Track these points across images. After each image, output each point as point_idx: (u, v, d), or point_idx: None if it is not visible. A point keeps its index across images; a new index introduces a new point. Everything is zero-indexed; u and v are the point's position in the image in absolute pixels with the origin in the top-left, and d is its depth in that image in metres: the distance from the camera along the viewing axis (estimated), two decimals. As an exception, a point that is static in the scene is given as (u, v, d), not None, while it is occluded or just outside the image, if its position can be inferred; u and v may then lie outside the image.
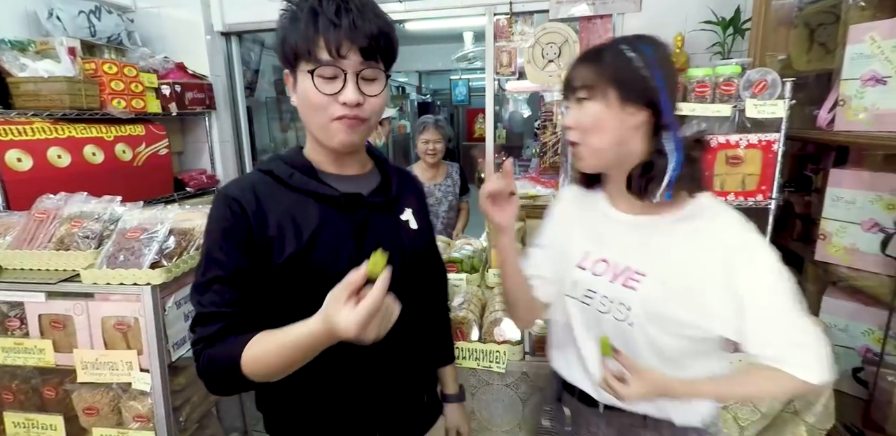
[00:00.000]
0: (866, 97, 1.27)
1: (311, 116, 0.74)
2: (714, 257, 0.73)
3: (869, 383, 1.24)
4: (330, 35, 0.68)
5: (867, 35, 1.25)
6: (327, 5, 0.68)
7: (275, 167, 0.79)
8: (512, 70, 2.63)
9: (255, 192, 0.76)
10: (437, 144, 2.35)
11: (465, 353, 1.28)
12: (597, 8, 2.45)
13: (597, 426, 0.88)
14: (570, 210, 0.94)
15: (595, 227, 0.87)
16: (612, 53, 0.76)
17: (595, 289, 0.83)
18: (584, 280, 0.85)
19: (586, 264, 0.85)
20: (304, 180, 0.78)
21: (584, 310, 0.85)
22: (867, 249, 1.30)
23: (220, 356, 0.69)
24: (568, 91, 0.81)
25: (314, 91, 0.70)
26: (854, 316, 1.36)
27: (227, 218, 0.73)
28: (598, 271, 0.83)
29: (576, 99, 0.79)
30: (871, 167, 1.34)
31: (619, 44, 0.77)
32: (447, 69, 6.06)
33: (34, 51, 1.95)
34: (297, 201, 0.77)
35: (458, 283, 1.56)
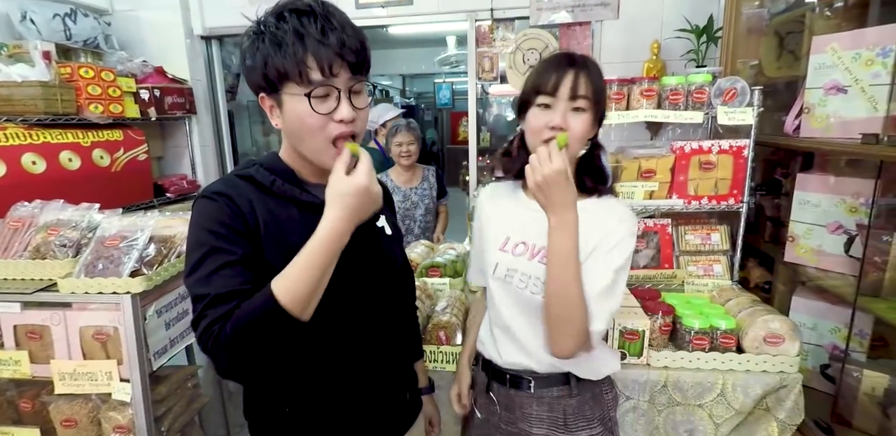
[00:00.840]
0: (829, 105, 1.32)
1: (307, 138, 0.73)
2: (595, 235, 0.86)
3: (836, 379, 1.29)
4: (321, 55, 0.68)
5: (829, 46, 1.31)
6: (310, 26, 0.68)
7: (255, 173, 0.78)
8: (494, 75, 2.66)
9: (246, 195, 0.76)
10: (410, 145, 2.35)
11: (448, 357, 1.29)
12: (576, 15, 2.50)
13: (529, 407, 0.97)
14: (487, 207, 1.05)
15: (514, 216, 0.98)
16: (600, 74, 0.88)
17: (515, 267, 0.94)
18: (504, 261, 0.96)
19: (507, 248, 0.96)
20: (287, 188, 0.78)
21: (505, 288, 0.96)
22: (832, 251, 1.36)
23: (247, 309, 0.66)
24: (569, 94, 0.84)
25: (310, 113, 0.70)
26: (822, 315, 1.41)
27: (223, 211, 0.73)
28: (518, 252, 0.95)
29: (574, 106, 0.85)
30: (835, 172, 1.40)
31: (597, 65, 0.88)
32: (431, 73, 6.09)
33: (7, 54, 1.91)
34: (281, 207, 0.77)
35: (442, 287, 1.58)
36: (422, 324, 1.34)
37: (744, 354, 1.21)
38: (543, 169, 0.79)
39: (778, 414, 1.21)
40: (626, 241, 0.87)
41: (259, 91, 0.74)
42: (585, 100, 0.85)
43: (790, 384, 1.19)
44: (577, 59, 0.87)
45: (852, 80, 1.27)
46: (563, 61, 0.86)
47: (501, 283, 0.96)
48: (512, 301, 0.95)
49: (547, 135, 0.85)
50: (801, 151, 1.54)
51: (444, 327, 1.30)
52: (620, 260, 0.86)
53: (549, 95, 0.85)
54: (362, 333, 0.86)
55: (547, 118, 0.85)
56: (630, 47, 2.47)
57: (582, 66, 0.86)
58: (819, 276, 1.39)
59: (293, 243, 0.70)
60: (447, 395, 1.13)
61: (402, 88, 7.05)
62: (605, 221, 0.87)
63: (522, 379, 0.97)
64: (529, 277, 0.91)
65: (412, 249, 1.80)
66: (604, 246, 0.86)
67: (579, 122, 0.85)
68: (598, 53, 2.54)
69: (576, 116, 0.85)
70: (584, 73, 0.85)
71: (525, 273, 0.92)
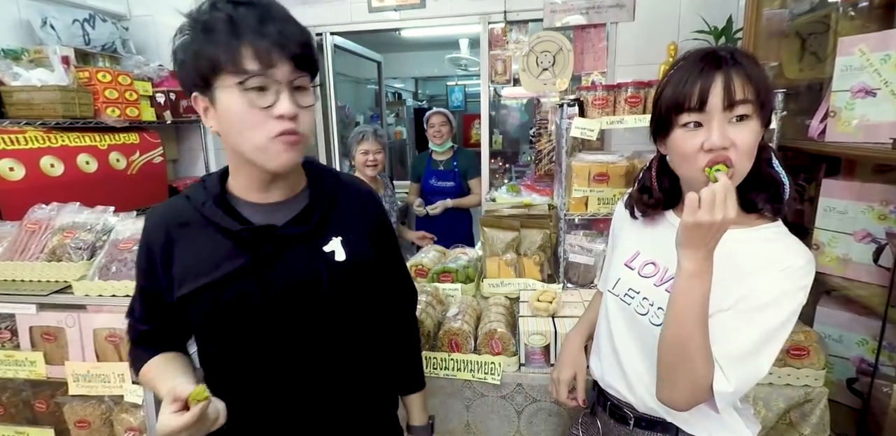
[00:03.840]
0: (856, 109, 1.28)
1: (244, 136, 0.65)
2: (753, 279, 0.70)
3: (864, 394, 1.24)
4: (258, 42, 0.61)
5: (856, 47, 1.26)
6: (246, 14, 0.62)
7: (192, 193, 0.75)
8: (507, 78, 2.65)
9: (169, 223, 0.75)
10: (377, 154, 2.18)
11: (459, 364, 1.27)
12: (590, 17, 2.47)
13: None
14: (624, 216, 0.92)
15: (650, 230, 0.85)
16: (759, 67, 0.68)
17: (638, 289, 0.82)
18: (628, 279, 0.85)
19: (635, 264, 0.85)
20: (211, 211, 0.72)
21: (623, 309, 0.85)
22: (860, 260, 1.31)
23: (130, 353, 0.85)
24: (724, 103, 0.67)
25: (243, 107, 0.63)
26: (848, 326, 1.36)
27: (142, 239, 0.78)
28: (646, 273, 0.82)
29: (733, 114, 0.67)
30: (862, 178, 1.35)
31: (753, 57, 0.70)
32: (443, 75, 6.08)
33: (27, 59, 1.95)
34: (207, 233, 0.73)
35: (453, 293, 1.56)
36: (432, 331, 1.32)
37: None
38: (715, 215, 0.62)
39: (802, 429, 1.17)
40: (788, 296, 0.69)
41: (192, 90, 0.67)
42: (748, 105, 0.66)
43: (815, 399, 1.14)
44: (723, 56, 0.68)
45: (881, 82, 1.22)
46: (708, 63, 0.68)
47: (619, 302, 0.85)
48: (625, 323, 0.84)
49: (703, 161, 0.68)
50: (826, 156, 1.49)
51: (455, 333, 1.28)
52: (776, 319, 0.68)
53: (697, 112, 0.68)
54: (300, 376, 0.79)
55: (700, 139, 0.68)
56: (646, 49, 2.43)
57: (732, 63, 0.67)
58: (845, 285, 1.34)
59: (207, 276, 0.72)
60: (460, 403, 1.10)
61: (414, 91, 7.06)
62: (765, 269, 0.70)
63: (625, 412, 0.87)
64: (652, 305, 0.79)
65: (426, 254, 1.79)
66: (756, 300, 0.69)
67: (745, 133, 0.67)
68: (612, 56, 2.51)
69: (738, 127, 0.67)
70: (737, 71, 0.66)
71: (648, 299, 0.80)
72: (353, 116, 4.80)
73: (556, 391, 0.99)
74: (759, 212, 0.75)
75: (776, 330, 0.69)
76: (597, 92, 1.50)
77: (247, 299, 0.73)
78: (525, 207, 1.81)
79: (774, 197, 0.74)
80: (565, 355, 1.01)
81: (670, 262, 0.75)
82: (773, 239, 0.75)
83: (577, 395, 0.97)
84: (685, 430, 0.82)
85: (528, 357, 1.27)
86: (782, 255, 0.72)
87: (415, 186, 2.85)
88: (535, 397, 1.26)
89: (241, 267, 0.72)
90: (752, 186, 0.74)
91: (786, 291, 0.69)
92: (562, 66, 2.51)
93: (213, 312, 0.74)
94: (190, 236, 0.73)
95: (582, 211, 1.55)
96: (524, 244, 1.62)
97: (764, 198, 0.74)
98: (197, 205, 0.73)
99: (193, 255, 0.73)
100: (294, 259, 0.73)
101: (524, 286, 1.55)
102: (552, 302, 1.35)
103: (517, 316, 1.38)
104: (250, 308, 0.73)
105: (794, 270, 0.70)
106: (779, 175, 0.74)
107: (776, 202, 0.74)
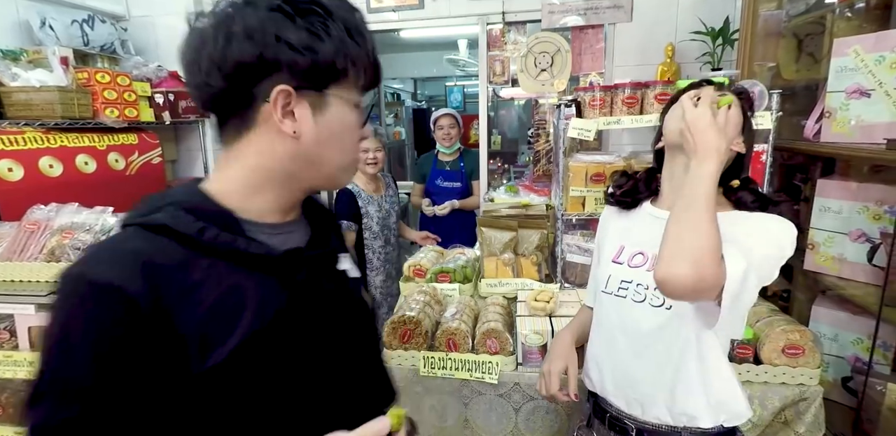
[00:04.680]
0: (851, 109, 1.29)
1: (342, 152, 0.59)
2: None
3: (858, 393, 1.25)
4: (377, 64, 0.58)
5: (851, 48, 1.27)
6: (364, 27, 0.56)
7: (173, 221, 0.51)
8: (505, 79, 2.65)
9: (146, 272, 0.48)
10: (377, 152, 2.21)
11: (456, 363, 1.27)
12: (588, 18, 2.48)
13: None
14: (609, 220, 0.99)
15: (631, 226, 0.91)
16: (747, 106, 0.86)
17: (630, 279, 0.86)
18: (618, 273, 0.89)
19: (622, 258, 0.90)
20: (227, 238, 0.53)
21: (619, 304, 0.87)
22: (855, 259, 1.32)
23: None
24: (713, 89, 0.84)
25: (354, 123, 0.59)
26: (843, 325, 1.37)
27: (107, 322, 0.47)
28: (635, 263, 0.87)
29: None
30: (857, 178, 1.36)
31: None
32: (442, 76, 6.09)
33: (26, 60, 1.95)
34: (218, 273, 0.52)
35: (451, 293, 1.57)
36: (430, 330, 1.33)
37: (762, 365, 1.17)
38: (687, 114, 0.77)
39: (797, 428, 1.17)
40: (776, 228, 0.78)
41: (296, 81, 0.51)
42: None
43: (810, 397, 1.15)
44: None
45: (876, 83, 1.23)
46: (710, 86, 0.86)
47: (613, 299, 0.88)
48: (619, 320, 0.87)
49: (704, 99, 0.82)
50: (821, 157, 1.50)
51: (453, 333, 1.28)
52: (765, 248, 0.74)
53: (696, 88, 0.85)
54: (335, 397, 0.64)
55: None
56: (644, 50, 2.44)
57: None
58: (840, 285, 1.35)
59: (247, 329, 0.51)
60: (458, 400, 1.11)
61: (413, 92, 7.07)
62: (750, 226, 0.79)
63: (625, 424, 0.88)
64: (647, 288, 0.83)
65: (424, 254, 1.79)
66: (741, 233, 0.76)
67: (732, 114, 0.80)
68: (610, 56, 2.52)
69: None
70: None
71: (642, 284, 0.84)
72: (351, 117, 4.80)
73: (548, 383, 0.97)
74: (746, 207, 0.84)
75: (767, 258, 0.75)
76: (594, 93, 1.51)
77: (304, 339, 0.58)
78: (523, 207, 1.82)
79: (761, 199, 0.84)
80: (556, 348, 1.02)
81: (657, 248, 0.76)
82: (759, 215, 0.83)
83: (569, 388, 0.96)
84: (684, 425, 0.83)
85: (526, 356, 1.27)
86: (765, 217, 0.81)
87: (419, 187, 2.85)
88: (532, 396, 1.27)
89: (287, 303, 0.56)
90: (741, 187, 0.85)
91: (772, 226, 0.78)
92: (560, 66, 2.52)
93: (248, 381, 0.53)
94: (197, 281, 0.51)
95: (579, 211, 1.55)
96: (522, 244, 1.63)
97: (751, 196, 0.84)
98: (191, 233, 0.51)
99: (216, 302, 0.51)
100: (325, 285, 0.62)
101: (522, 286, 1.56)
102: (549, 302, 1.36)
103: (515, 316, 1.39)
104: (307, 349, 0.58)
105: (781, 219, 0.79)
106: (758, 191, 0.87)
107: (761, 201, 0.84)
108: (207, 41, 0.50)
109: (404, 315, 1.31)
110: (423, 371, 1.27)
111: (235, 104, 0.53)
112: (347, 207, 2.19)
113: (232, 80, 0.51)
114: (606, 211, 1.02)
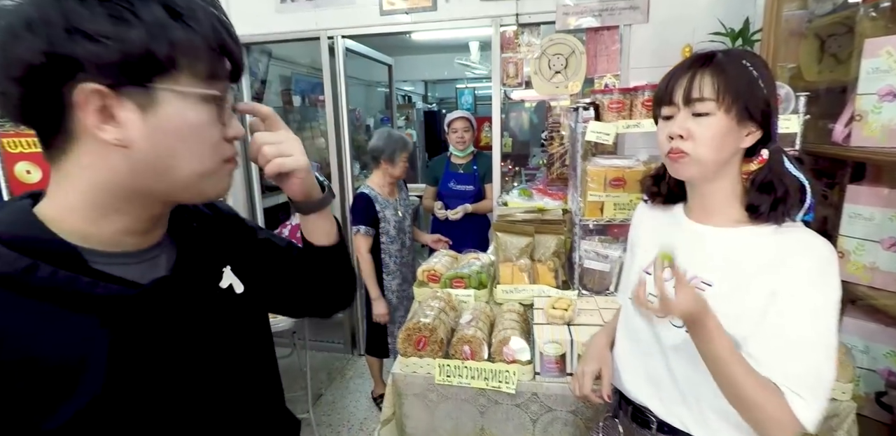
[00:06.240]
0: (884, 112, 1.24)
1: (195, 157, 0.48)
2: (773, 278, 0.72)
3: (893, 408, 1.20)
4: (233, 48, 0.49)
5: (883, 49, 1.23)
6: (220, 10, 0.49)
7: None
8: (518, 81, 2.62)
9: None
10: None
11: (473, 372, 1.25)
12: (604, 19, 2.44)
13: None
14: (641, 222, 0.96)
15: (666, 236, 0.87)
16: (737, 68, 0.73)
17: (657, 293, 0.81)
18: (648, 284, 0.84)
19: (652, 269, 0.85)
20: (67, 278, 0.44)
21: (643, 314, 0.84)
22: (888, 268, 1.27)
23: None
24: (680, 99, 0.75)
25: (210, 121, 0.49)
26: (875, 337, 1.32)
27: None
28: (665, 277, 0.82)
29: (693, 111, 0.74)
30: (890, 183, 1.31)
31: (739, 58, 0.74)
32: (453, 78, 6.07)
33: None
34: (47, 320, 0.44)
35: (466, 299, 1.54)
36: (446, 338, 1.30)
37: (790, 378, 1.13)
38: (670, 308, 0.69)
39: (829, 444, 1.13)
40: (818, 269, 0.70)
41: (106, 78, 0.42)
42: (705, 102, 0.72)
43: (842, 413, 1.10)
44: (703, 57, 0.75)
45: (911, 85, 1.18)
46: (686, 63, 0.76)
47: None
48: (644, 329, 0.86)
49: (666, 148, 0.77)
50: (851, 161, 1.45)
51: (468, 341, 1.26)
52: (816, 300, 0.69)
53: (668, 105, 0.77)
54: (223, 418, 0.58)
55: (668, 130, 0.76)
56: (660, 52, 2.39)
57: (706, 63, 0.73)
58: (872, 295, 1.30)
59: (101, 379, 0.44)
60: (474, 408, 1.08)
61: (424, 94, 7.07)
62: (782, 260, 0.71)
63: (647, 417, 0.87)
64: None
65: (438, 259, 1.77)
66: (784, 291, 0.70)
67: (703, 127, 0.73)
68: (626, 58, 2.48)
69: (698, 121, 0.74)
70: (706, 71, 0.73)
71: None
72: (363, 119, 4.81)
73: (581, 384, 0.96)
74: (761, 215, 0.75)
75: (823, 309, 0.69)
76: (613, 95, 1.48)
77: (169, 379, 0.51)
78: (538, 211, 1.78)
79: (779, 201, 0.74)
80: (591, 350, 1.01)
81: (687, 264, 0.76)
82: (786, 234, 0.74)
83: (603, 390, 0.95)
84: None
85: (544, 366, 1.24)
86: (797, 246, 0.72)
87: (431, 190, 2.83)
88: (550, 407, 1.23)
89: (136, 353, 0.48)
90: (758, 188, 0.76)
91: (813, 265, 0.70)
92: (574, 68, 2.48)
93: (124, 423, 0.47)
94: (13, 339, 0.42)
95: (598, 216, 1.52)
96: (538, 250, 1.60)
97: (767, 200, 0.74)
98: (14, 273, 0.42)
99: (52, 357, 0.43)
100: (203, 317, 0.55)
101: (538, 293, 1.52)
102: (568, 309, 1.33)
103: (531, 323, 1.36)
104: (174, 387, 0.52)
105: (816, 245, 0.71)
106: (786, 180, 0.74)
107: (780, 205, 0.74)
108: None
109: (419, 322, 1.28)
110: (438, 379, 1.25)
111: (45, 114, 0.44)
112: (364, 212, 2.18)
113: (28, 85, 0.42)
114: (642, 207, 0.98)
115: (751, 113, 0.73)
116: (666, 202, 0.90)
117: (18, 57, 0.41)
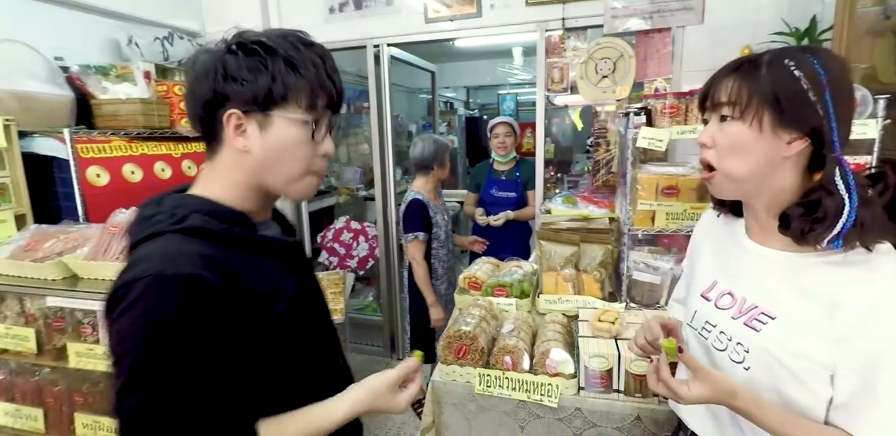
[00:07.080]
0: (980, 116, 1.12)
1: (287, 165, 0.70)
2: (851, 316, 0.62)
3: None
4: (330, 87, 0.70)
5: (979, 47, 1.11)
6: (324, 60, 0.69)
7: (203, 224, 0.64)
8: (564, 86, 2.57)
9: (207, 264, 0.60)
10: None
11: (514, 384, 1.22)
12: (654, 21, 2.36)
13: None
14: (705, 234, 0.90)
15: (727, 255, 0.80)
16: (773, 68, 0.66)
17: (714, 322, 0.77)
18: (705, 311, 0.80)
19: (711, 295, 0.80)
20: (246, 232, 0.68)
21: (701, 343, 0.80)
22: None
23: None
24: (708, 104, 0.73)
25: (305, 140, 0.69)
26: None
27: (199, 303, 0.58)
28: (723, 305, 0.77)
29: (718, 115, 0.71)
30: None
31: (782, 57, 0.66)
32: (495, 84, 6.06)
33: (115, 75, 2.11)
34: (246, 259, 0.66)
35: (508, 308, 1.51)
36: (487, 347, 1.28)
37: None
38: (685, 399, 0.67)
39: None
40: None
41: (243, 106, 0.65)
42: (728, 106, 0.68)
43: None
44: (743, 61, 0.69)
45: None
46: (729, 65, 0.71)
47: (697, 336, 0.81)
48: (706, 358, 0.79)
49: (702, 156, 0.74)
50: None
51: (510, 351, 1.23)
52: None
53: (703, 110, 0.75)
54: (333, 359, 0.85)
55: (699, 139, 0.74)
56: (716, 54, 2.28)
57: (741, 67, 0.68)
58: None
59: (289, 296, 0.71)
60: (514, 422, 1.05)
61: (465, 100, 7.09)
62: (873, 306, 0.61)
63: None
64: (731, 339, 0.73)
65: (480, 266, 1.75)
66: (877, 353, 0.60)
67: (723, 134, 0.69)
68: (678, 61, 2.38)
69: (721, 127, 0.70)
70: (737, 75, 0.68)
71: (725, 333, 0.75)
72: (405, 126, 4.88)
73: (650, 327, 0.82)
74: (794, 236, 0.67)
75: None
76: (666, 100, 1.42)
77: (314, 313, 0.80)
78: (584, 219, 1.73)
79: (820, 221, 0.64)
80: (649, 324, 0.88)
81: (748, 291, 0.74)
82: (869, 261, 0.64)
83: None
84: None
85: (589, 381, 1.19)
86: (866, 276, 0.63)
87: (473, 196, 2.82)
88: (594, 422, 1.18)
89: (300, 283, 0.76)
90: (804, 209, 0.66)
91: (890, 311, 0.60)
92: (623, 73, 2.41)
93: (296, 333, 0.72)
94: (238, 266, 0.65)
95: (648, 226, 1.45)
96: (584, 260, 1.55)
97: (805, 220, 0.65)
98: (221, 231, 0.65)
99: (260, 281, 0.67)
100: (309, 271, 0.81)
101: (583, 304, 1.47)
102: (615, 323, 1.28)
103: (576, 336, 1.31)
104: (314, 324, 0.80)
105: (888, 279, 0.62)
106: (839, 198, 0.63)
107: (819, 225, 0.63)
108: (189, 81, 0.69)
109: (460, 330, 1.27)
110: (478, 389, 1.23)
111: (211, 128, 0.68)
112: (421, 218, 2.21)
113: (206, 110, 0.67)
114: (706, 217, 0.92)
115: (788, 118, 0.64)
116: (732, 212, 0.84)
117: (202, 93, 0.66)
